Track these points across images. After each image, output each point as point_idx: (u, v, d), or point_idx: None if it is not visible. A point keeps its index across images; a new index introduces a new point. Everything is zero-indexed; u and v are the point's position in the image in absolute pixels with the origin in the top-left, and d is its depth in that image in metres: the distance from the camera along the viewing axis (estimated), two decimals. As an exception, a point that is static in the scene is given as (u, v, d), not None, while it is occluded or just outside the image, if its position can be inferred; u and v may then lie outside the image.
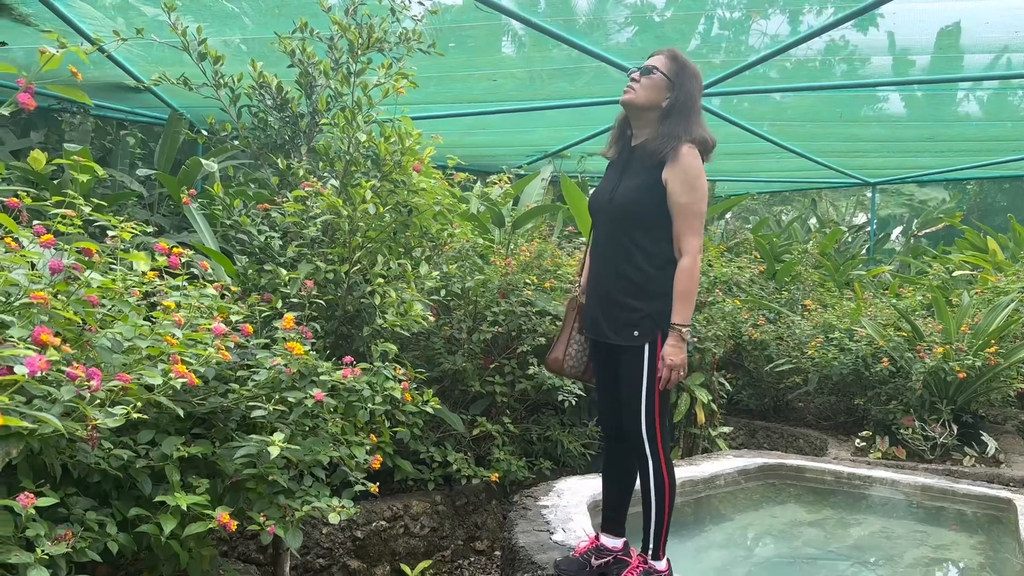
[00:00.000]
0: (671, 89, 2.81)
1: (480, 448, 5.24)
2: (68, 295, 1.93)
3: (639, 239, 2.80)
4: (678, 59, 2.87)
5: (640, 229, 2.79)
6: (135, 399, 1.93)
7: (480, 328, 5.15)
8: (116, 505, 2.34)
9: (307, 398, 2.51)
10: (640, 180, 2.79)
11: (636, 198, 2.78)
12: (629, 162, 2.90)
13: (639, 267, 2.79)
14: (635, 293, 2.79)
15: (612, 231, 2.87)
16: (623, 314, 2.81)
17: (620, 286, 2.82)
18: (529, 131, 8.50)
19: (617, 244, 2.84)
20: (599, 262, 2.94)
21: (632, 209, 2.79)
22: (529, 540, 3.32)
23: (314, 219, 3.21)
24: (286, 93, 3.85)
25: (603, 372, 3.01)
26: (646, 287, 2.78)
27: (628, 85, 2.84)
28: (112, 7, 5.64)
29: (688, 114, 2.80)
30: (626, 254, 2.82)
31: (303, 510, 2.46)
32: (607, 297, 2.86)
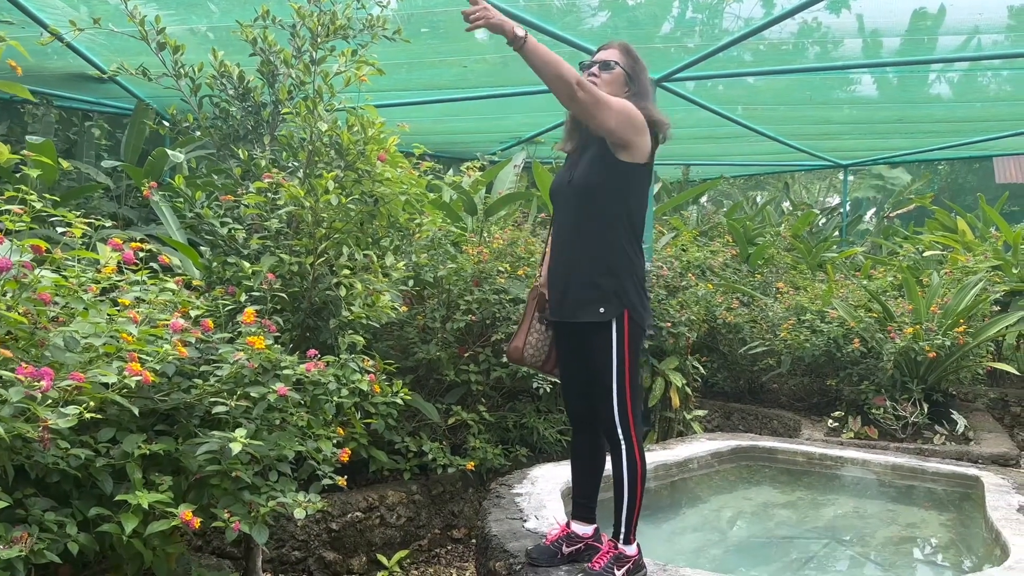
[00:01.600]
0: (628, 83, 2.86)
1: (456, 436, 5.24)
2: (18, 293, 1.89)
3: (598, 219, 2.81)
4: (631, 53, 2.93)
5: (598, 208, 2.81)
6: (90, 398, 1.89)
7: (454, 317, 5.13)
8: (76, 505, 2.30)
9: (270, 393, 2.48)
10: (592, 156, 2.81)
11: (590, 172, 2.81)
12: (585, 149, 2.91)
13: (600, 245, 2.80)
14: (598, 271, 2.81)
15: (572, 212, 2.89)
16: (587, 292, 2.82)
17: (583, 265, 2.83)
18: (503, 117, 8.46)
19: (576, 224, 2.86)
20: (560, 245, 2.95)
21: (589, 188, 2.82)
22: (502, 528, 3.32)
23: (277, 211, 3.17)
24: (248, 82, 3.79)
25: (569, 356, 3.01)
26: (608, 263, 2.80)
27: (588, 80, 2.82)
28: (74, -7, 5.53)
29: (642, 99, 2.84)
30: (588, 234, 2.83)
31: (268, 506, 2.44)
32: (570, 277, 2.86)
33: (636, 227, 2.88)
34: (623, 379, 2.77)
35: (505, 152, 9.63)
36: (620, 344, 2.76)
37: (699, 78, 7.06)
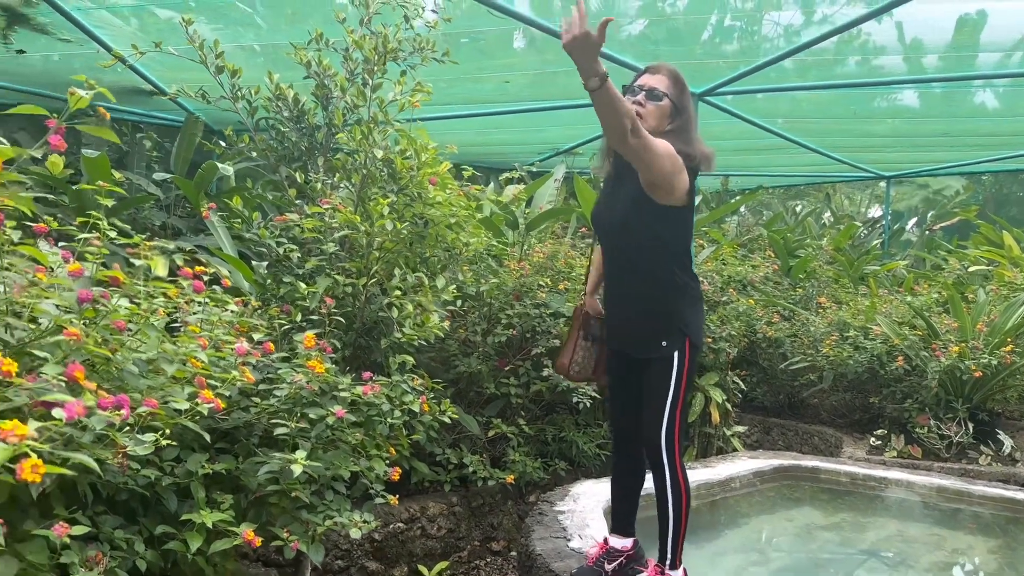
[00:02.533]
0: (675, 115, 2.80)
1: (495, 449, 5.28)
2: (96, 321, 1.97)
3: (650, 255, 2.81)
4: (679, 80, 2.84)
5: (647, 244, 2.80)
6: (163, 424, 1.97)
7: (495, 331, 5.18)
8: (143, 522, 2.38)
9: (328, 415, 2.55)
10: (633, 193, 2.78)
11: (633, 212, 2.79)
12: (623, 178, 2.89)
13: (654, 280, 2.81)
14: (656, 306, 2.82)
15: (620, 247, 2.89)
16: (648, 327, 2.84)
17: (639, 300, 2.84)
18: (541, 129, 8.51)
19: (628, 260, 2.86)
20: (614, 279, 2.95)
21: (632, 223, 2.80)
22: (546, 547, 3.36)
23: (333, 234, 3.25)
24: (302, 104, 3.88)
25: (623, 379, 3.02)
26: (663, 296, 2.80)
27: (633, 106, 2.79)
28: (127, 10, 5.68)
29: (687, 134, 2.81)
30: (639, 269, 2.84)
31: (325, 525, 2.51)
32: (629, 313, 2.88)
33: (685, 251, 2.89)
34: (676, 404, 2.79)
35: (543, 163, 9.68)
36: (680, 371, 2.78)
37: (740, 92, 7.05)
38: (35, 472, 1.23)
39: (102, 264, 2.21)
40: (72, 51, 5.90)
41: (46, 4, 4.73)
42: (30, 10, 4.90)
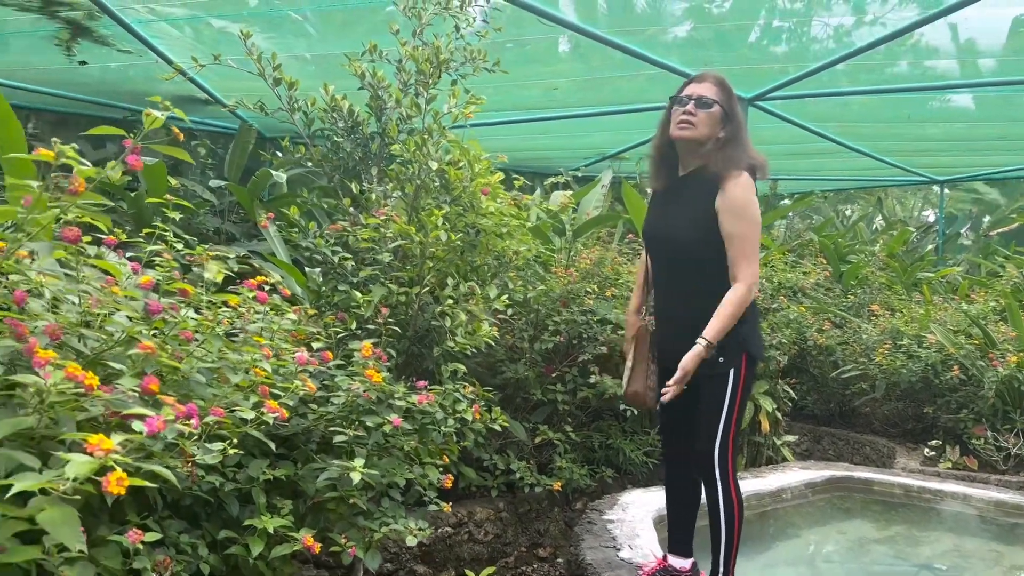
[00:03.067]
0: (726, 120, 2.80)
1: (542, 455, 5.29)
2: (164, 332, 2.04)
3: (706, 270, 2.79)
4: (726, 86, 2.86)
5: (703, 263, 2.79)
6: (229, 433, 2.02)
7: (541, 337, 5.19)
8: (206, 527, 2.44)
9: (385, 423, 2.59)
10: (694, 212, 2.77)
11: (692, 231, 2.78)
12: (680, 192, 2.88)
13: (712, 297, 2.77)
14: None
15: (676, 265, 2.87)
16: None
17: (694, 319, 2.79)
18: (587, 135, 8.50)
19: (685, 277, 2.85)
20: (668, 295, 2.94)
21: (691, 243, 2.79)
22: (596, 556, 3.36)
23: (387, 244, 3.29)
24: (356, 115, 3.95)
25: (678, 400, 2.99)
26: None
27: (684, 119, 2.79)
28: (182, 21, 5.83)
29: (742, 141, 2.81)
30: (697, 287, 2.82)
31: (382, 531, 2.54)
32: (685, 330, 2.82)
33: None
34: (731, 420, 2.77)
35: (588, 168, 9.67)
36: (735, 386, 2.76)
37: (790, 97, 6.96)
38: (120, 485, 1.28)
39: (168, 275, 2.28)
40: (128, 61, 6.07)
41: (108, 17, 4.88)
42: (93, 23, 5.05)
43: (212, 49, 4.87)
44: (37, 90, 6.78)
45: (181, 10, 5.55)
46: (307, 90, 4.33)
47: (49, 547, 1.48)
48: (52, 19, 4.92)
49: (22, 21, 5.11)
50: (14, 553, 1.36)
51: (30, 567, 1.46)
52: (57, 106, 7.40)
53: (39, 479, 1.31)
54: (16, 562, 1.38)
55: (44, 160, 1.54)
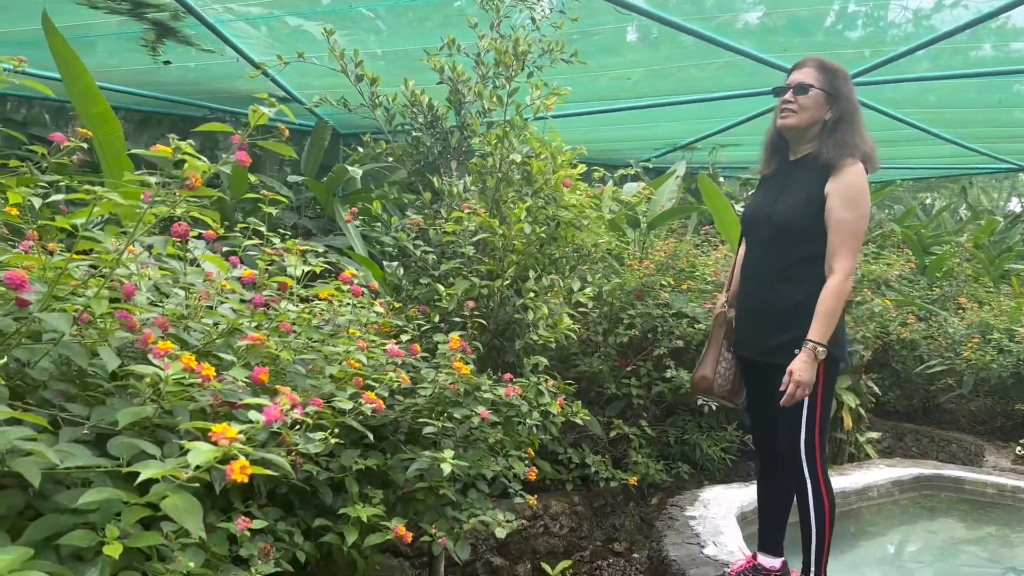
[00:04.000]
0: (831, 102, 2.73)
1: (616, 450, 5.26)
2: (266, 324, 2.09)
3: (800, 255, 2.72)
4: (827, 67, 2.78)
5: (801, 247, 2.71)
6: (328, 423, 2.06)
7: (616, 331, 5.15)
8: (300, 514, 2.50)
9: (473, 415, 2.60)
10: (803, 195, 2.71)
11: (798, 213, 2.71)
12: (789, 177, 2.82)
13: (800, 284, 2.71)
14: (796, 310, 2.71)
15: (770, 247, 2.80)
16: (784, 334, 2.73)
17: (780, 305, 2.74)
18: (658, 125, 8.38)
19: (775, 260, 2.77)
20: (754, 279, 2.87)
21: (793, 225, 2.72)
22: (680, 553, 3.32)
23: (470, 237, 3.30)
24: (436, 110, 3.97)
25: (759, 390, 2.95)
26: (808, 304, 2.70)
27: (784, 108, 2.75)
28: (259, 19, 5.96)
29: (854, 121, 2.72)
30: (785, 271, 2.75)
31: (470, 522, 2.56)
32: (765, 315, 2.80)
33: None
34: (814, 417, 2.69)
35: (659, 159, 9.55)
36: (814, 384, 2.68)
37: (869, 84, 6.73)
38: (243, 473, 1.31)
39: (266, 269, 2.34)
40: (208, 60, 6.22)
41: (192, 17, 5.01)
42: (177, 23, 5.20)
43: (288, 47, 4.94)
44: (121, 90, 7.02)
45: (257, 8, 5.67)
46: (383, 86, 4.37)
47: (167, 532, 1.53)
48: (139, 20, 5.07)
49: (110, 23, 5.29)
50: (138, 539, 1.41)
51: (151, 552, 1.51)
52: (140, 105, 7.65)
53: (163, 467, 1.35)
54: (138, 547, 1.43)
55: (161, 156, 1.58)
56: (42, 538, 1.37)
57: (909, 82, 6.66)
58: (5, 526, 1.45)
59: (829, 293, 2.61)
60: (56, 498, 1.44)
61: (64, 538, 1.36)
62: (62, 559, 1.38)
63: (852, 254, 2.64)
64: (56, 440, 1.44)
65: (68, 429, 1.51)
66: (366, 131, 4.39)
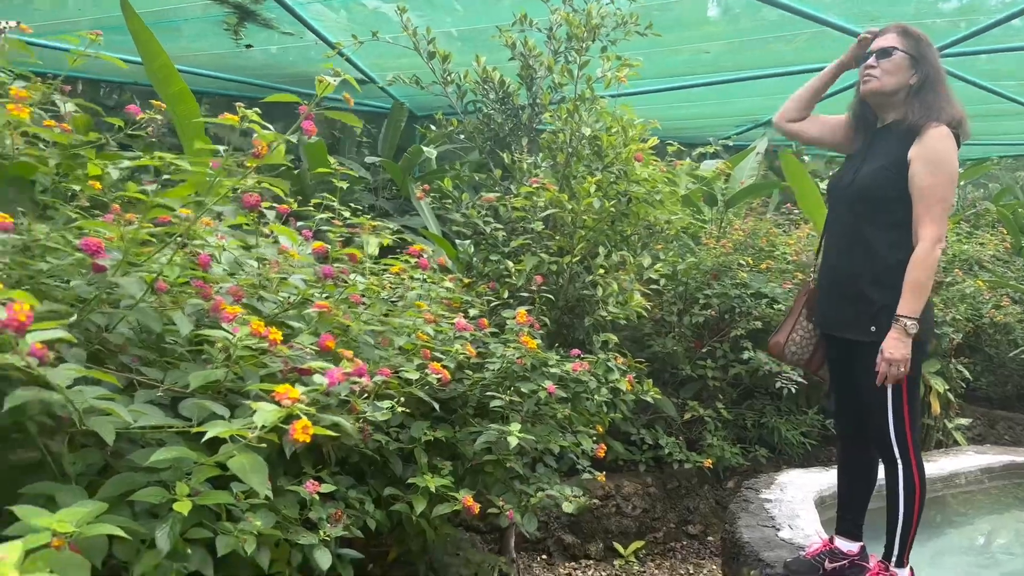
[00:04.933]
0: (915, 66, 2.63)
1: (691, 432, 5.18)
2: (336, 295, 2.12)
3: (880, 225, 2.61)
4: (910, 33, 2.69)
5: (881, 214, 2.60)
6: (396, 392, 2.08)
7: (691, 311, 5.06)
8: (371, 483, 2.54)
9: (540, 390, 2.59)
10: (885, 160, 2.61)
11: (878, 179, 2.60)
12: (873, 144, 2.72)
13: (878, 255, 2.60)
14: (873, 283, 2.60)
15: (850, 217, 2.70)
16: (860, 306, 2.63)
17: (856, 276, 2.64)
18: (737, 101, 8.15)
19: (855, 231, 2.67)
20: (834, 250, 2.78)
21: (873, 192, 2.61)
22: (754, 535, 3.24)
23: (539, 213, 3.29)
24: (507, 87, 3.95)
25: (838, 368, 2.85)
26: (886, 277, 2.58)
27: (866, 73, 2.66)
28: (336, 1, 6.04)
29: (938, 86, 2.62)
30: (864, 241, 2.64)
31: (538, 496, 2.56)
32: (842, 288, 2.70)
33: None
34: (900, 398, 2.58)
35: (739, 136, 9.30)
36: None
37: (962, 55, 6.36)
38: (305, 433, 1.33)
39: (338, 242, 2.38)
40: (286, 43, 6.35)
41: (272, 0, 5.12)
42: (258, 7, 5.31)
43: (364, 29, 4.99)
44: (206, 73, 7.24)
45: (335, -10, 5.76)
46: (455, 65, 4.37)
47: (236, 492, 1.57)
48: (222, 4, 5.21)
49: (195, 7, 5.45)
50: (207, 496, 1.45)
51: (220, 511, 1.56)
52: (221, 89, 7.87)
53: (229, 426, 1.39)
54: (208, 504, 1.48)
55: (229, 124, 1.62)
56: (117, 495, 1.44)
57: (1007, 52, 6.28)
58: (83, 483, 1.52)
59: (915, 264, 2.50)
60: (130, 457, 1.50)
61: (137, 494, 1.41)
62: (136, 515, 1.44)
63: (938, 221, 2.51)
64: (131, 402, 1.50)
65: (143, 391, 1.57)
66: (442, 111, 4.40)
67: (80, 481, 1.46)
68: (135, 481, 1.46)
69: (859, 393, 2.71)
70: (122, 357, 1.62)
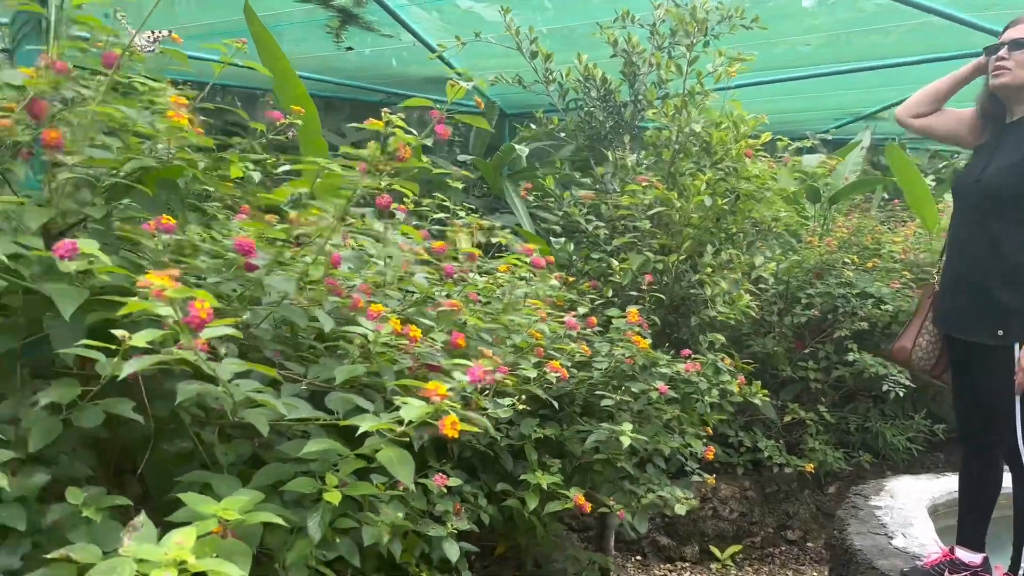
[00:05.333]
0: None
1: (790, 435, 5.06)
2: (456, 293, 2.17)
3: (1009, 222, 2.50)
4: None
5: (1011, 211, 2.50)
6: (514, 390, 2.11)
7: (793, 310, 4.95)
8: (483, 479, 2.58)
9: (651, 390, 2.58)
10: (1015, 157, 2.50)
11: (1009, 177, 2.49)
12: (1002, 140, 2.61)
13: (1009, 255, 2.49)
14: (1003, 285, 2.50)
15: (978, 215, 2.59)
16: (986, 308, 2.53)
17: (983, 275, 2.54)
18: (838, 94, 7.90)
19: (983, 229, 2.56)
20: (959, 250, 2.68)
21: (1003, 189, 2.50)
22: (866, 543, 3.15)
23: (646, 211, 3.27)
24: (609, 84, 3.94)
25: (961, 371, 2.74)
26: (1015, 278, 2.47)
27: (998, 66, 2.54)
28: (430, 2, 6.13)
29: None
30: (993, 240, 2.53)
31: (648, 497, 2.55)
32: (967, 288, 2.60)
33: None
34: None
35: (839, 129, 9.01)
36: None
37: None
38: (454, 428, 1.37)
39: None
40: (380, 46, 6.47)
41: (374, 3, 5.23)
42: (360, 10, 5.44)
43: (458, 30, 5.04)
44: (305, 76, 7.45)
45: (430, -9, 5.84)
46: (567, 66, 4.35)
47: (376, 484, 1.63)
48: (326, 8, 5.35)
49: (300, 11, 5.62)
50: (355, 488, 1.51)
51: (364, 502, 1.61)
52: (320, 91, 8.09)
53: (378, 421, 1.43)
54: (353, 495, 1.53)
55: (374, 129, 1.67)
56: (268, 484, 1.50)
57: None
58: (234, 472, 1.59)
59: None
60: (279, 448, 1.56)
61: (289, 484, 1.48)
62: (285, 504, 1.50)
63: None
64: (278, 395, 1.56)
65: (288, 385, 1.64)
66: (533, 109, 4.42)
67: (231, 471, 1.54)
68: (285, 472, 1.52)
69: (983, 396, 2.61)
70: (266, 352, 1.70)
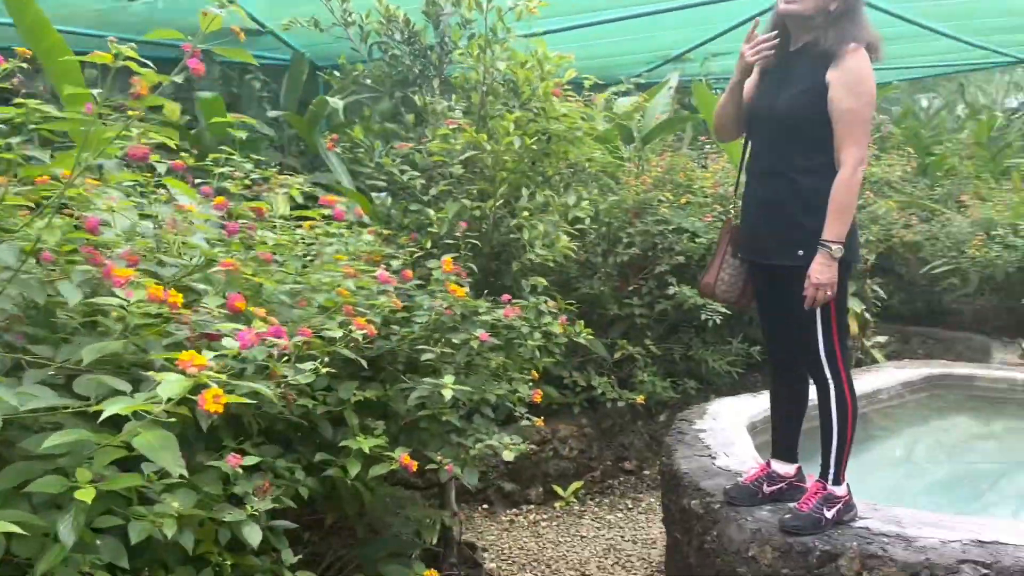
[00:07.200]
0: None
1: (622, 370, 5.20)
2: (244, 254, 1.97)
3: (804, 149, 2.60)
4: None
5: (805, 138, 2.59)
6: (318, 352, 1.96)
7: (615, 250, 5.04)
8: (300, 451, 2.42)
9: (472, 339, 2.50)
10: (803, 85, 2.59)
11: (800, 105, 2.58)
12: (788, 68, 2.68)
13: (804, 180, 2.60)
14: (800, 208, 2.60)
15: (771, 143, 2.68)
16: (786, 232, 2.64)
17: (782, 201, 2.64)
18: (650, 36, 8.07)
19: (779, 156, 2.66)
20: (756, 178, 2.77)
21: (796, 117, 2.59)
22: (692, 465, 3.27)
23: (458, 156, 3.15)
24: (413, 26, 3.76)
25: (767, 298, 2.86)
26: (813, 201, 2.57)
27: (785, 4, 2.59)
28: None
29: (856, 15, 2.57)
30: (789, 166, 2.63)
31: (476, 448, 2.49)
32: (767, 214, 2.69)
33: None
34: (829, 320, 2.61)
35: (650, 73, 9.25)
36: None
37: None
38: (217, 402, 1.20)
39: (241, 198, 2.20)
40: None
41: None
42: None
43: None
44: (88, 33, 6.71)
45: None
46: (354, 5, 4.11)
47: (148, 474, 1.44)
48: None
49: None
50: (113, 482, 1.31)
51: (131, 495, 1.42)
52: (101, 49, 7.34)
53: (131, 402, 1.25)
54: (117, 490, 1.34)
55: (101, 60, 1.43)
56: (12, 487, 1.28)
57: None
58: (-28, 478, 1.36)
59: (839, 187, 2.50)
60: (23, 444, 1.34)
61: (32, 485, 1.26)
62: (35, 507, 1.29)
63: (860, 144, 2.51)
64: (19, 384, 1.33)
65: (33, 371, 1.41)
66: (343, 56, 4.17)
67: (-35, 477, 1.30)
68: (32, 471, 1.30)
69: (788, 319, 2.73)
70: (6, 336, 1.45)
